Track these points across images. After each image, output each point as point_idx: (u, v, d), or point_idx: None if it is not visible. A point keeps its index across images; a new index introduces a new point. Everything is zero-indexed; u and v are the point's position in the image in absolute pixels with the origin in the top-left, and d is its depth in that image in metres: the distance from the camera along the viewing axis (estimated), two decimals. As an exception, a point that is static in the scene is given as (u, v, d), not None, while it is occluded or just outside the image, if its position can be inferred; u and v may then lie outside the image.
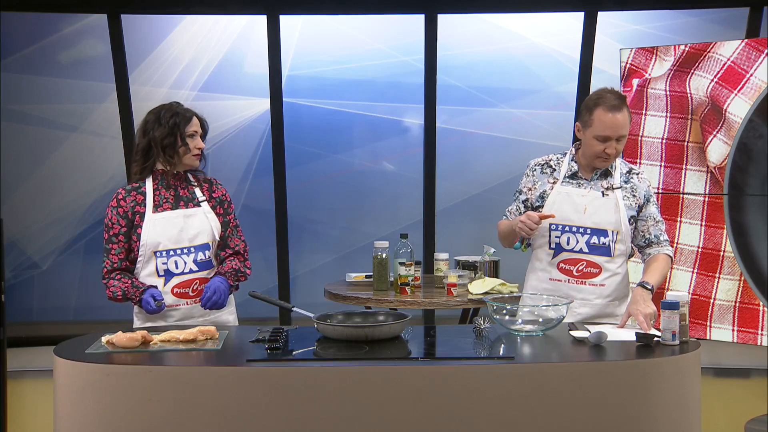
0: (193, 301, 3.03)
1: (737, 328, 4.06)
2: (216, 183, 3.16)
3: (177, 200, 3.03)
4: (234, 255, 3.13)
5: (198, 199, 3.06)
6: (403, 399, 2.32)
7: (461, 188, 5.70)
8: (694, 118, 4.11)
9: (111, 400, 2.33)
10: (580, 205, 3.09)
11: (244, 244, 3.18)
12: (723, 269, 4.08)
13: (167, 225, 2.98)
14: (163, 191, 3.02)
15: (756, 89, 3.92)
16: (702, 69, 4.06)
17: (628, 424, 2.36)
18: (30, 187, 5.60)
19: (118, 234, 2.97)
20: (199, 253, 3.03)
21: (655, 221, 3.13)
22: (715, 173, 4.07)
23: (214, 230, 3.06)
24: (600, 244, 3.08)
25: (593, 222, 3.08)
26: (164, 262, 2.97)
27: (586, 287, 3.09)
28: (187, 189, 3.06)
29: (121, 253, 2.99)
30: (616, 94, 3.09)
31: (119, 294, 2.96)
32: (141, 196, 2.99)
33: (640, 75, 4.23)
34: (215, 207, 3.09)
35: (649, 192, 3.14)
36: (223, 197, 3.14)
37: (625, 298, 3.14)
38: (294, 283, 5.76)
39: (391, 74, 5.67)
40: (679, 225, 4.18)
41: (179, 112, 3.00)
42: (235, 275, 3.08)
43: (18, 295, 5.55)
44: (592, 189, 3.11)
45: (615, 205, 3.08)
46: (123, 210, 2.97)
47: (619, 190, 3.10)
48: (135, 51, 5.49)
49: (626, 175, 3.15)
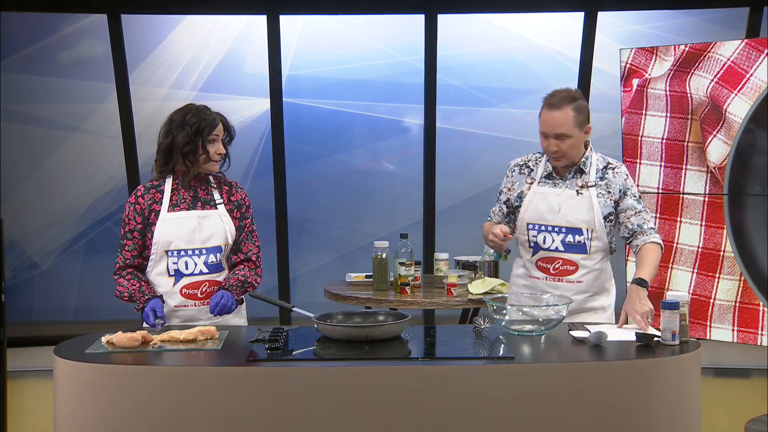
0: (201, 303, 3.01)
1: (737, 328, 4.06)
2: (236, 186, 3.13)
3: (195, 201, 3.01)
4: (245, 261, 3.10)
5: (216, 201, 3.05)
6: (403, 399, 2.31)
7: (461, 188, 5.70)
8: (694, 118, 4.11)
9: (111, 400, 2.33)
10: (555, 205, 3.12)
11: (258, 249, 3.13)
12: (723, 269, 4.08)
13: (181, 225, 2.97)
14: (182, 191, 3.00)
15: (756, 89, 3.92)
16: (702, 69, 4.06)
17: (628, 424, 2.36)
18: (30, 187, 5.60)
19: (133, 230, 2.97)
20: (211, 256, 3.01)
21: (635, 212, 3.09)
22: (715, 173, 4.08)
23: (227, 233, 3.03)
24: (575, 243, 3.11)
25: (567, 221, 3.11)
26: (175, 262, 2.97)
27: (563, 284, 3.13)
28: (206, 191, 3.05)
29: (135, 250, 2.98)
30: (565, 93, 3.07)
31: (126, 294, 2.96)
32: (159, 194, 2.99)
33: (640, 75, 4.23)
34: (232, 210, 3.07)
35: (625, 185, 3.11)
36: (242, 201, 3.10)
37: (605, 292, 3.16)
38: (294, 283, 5.76)
39: (391, 74, 5.67)
40: (679, 225, 4.18)
41: (205, 118, 2.97)
42: (242, 287, 3.03)
43: (18, 295, 5.55)
44: (567, 188, 3.14)
45: (589, 203, 3.10)
46: (140, 207, 2.97)
47: (594, 187, 3.11)
48: (135, 51, 5.49)
49: (602, 171, 3.14)
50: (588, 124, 3.11)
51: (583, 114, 3.08)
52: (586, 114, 3.10)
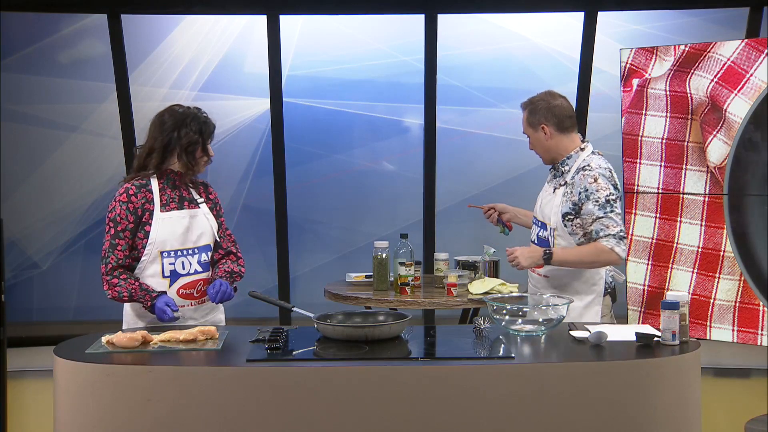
0: (197, 302, 3.03)
1: (737, 328, 4.06)
2: (209, 185, 3.21)
3: (182, 201, 3.04)
4: (226, 255, 3.14)
5: (198, 200, 3.08)
6: (403, 399, 2.32)
7: (461, 188, 5.70)
8: (694, 118, 4.11)
9: (111, 400, 2.33)
10: (539, 199, 3.34)
11: (234, 242, 3.20)
12: (723, 269, 4.08)
13: (175, 225, 2.99)
14: (169, 191, 3.02)
15: (756, 89, 3.92)
16: (702, 69, 4.06)
17: (628, 424, 2.36)
18: (30, 187, 5.60)
19: (125, 230, 2.96)
20: (203, 254, 3.04)
21: (593, 218, 3.09)
22: (715, 173, 4.08)
23: (214, 231, 3.08)
24: (543, 237, 3.26)
25: (542, 215, 3.29)
26: (171, 263, 2.97)
27: (536, 276, 3.32)
28: (188, 190, 3.08)
29: (126, 250, 2.97)
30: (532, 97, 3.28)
31: (125, 294, 2.93)
32: (150, 194, 2.99)
33: (640, 75, 4.23)
34: (212, 209, 3.11)
35: (589, 189, 3.11)
36: (217, 199, 3.19)
37: (578, 294, 3.19)
38: (294, 283, 5.76)
39: (391, 74, 5.67)
40: (679, 225, 4.18)
41: (207, 122, 3.05)
42: (230, 278, 3.07)
43: (18, 295, 5.55)
44: (548, 184, 3.33)
45: (557, 201, 3.21)
46: (133, 206, 2.96)
47: (564, 187, 3.19)
48: (135, 51, 5.49)
49: (575, 172, 3.19)
50: (542, 124, 3.22)
51: (536, 115, 3.23)
52: (544, 115, 3.22)
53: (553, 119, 3.21)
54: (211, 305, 3.08)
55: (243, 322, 5.43)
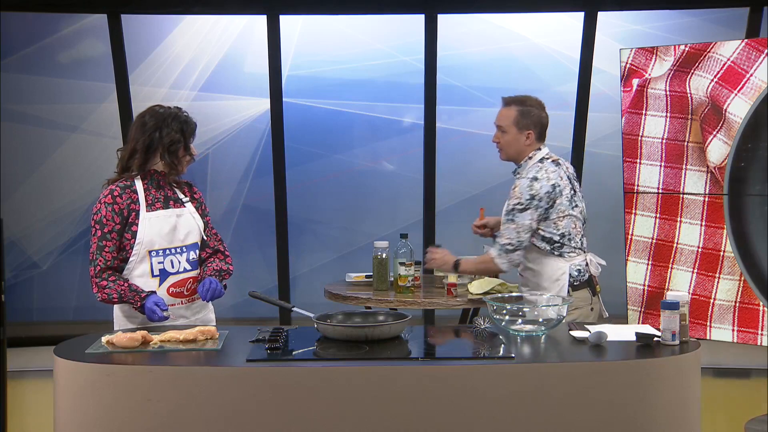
0: (188, 301, 3.04)
1: (737, 328, 4.06)
2: (193, 185, 3.21)
3: (167, 200, 3.05)
4: (214, 254, 3.15)
5: (183, 200, 3.08)
6: (403, 399, 2.32)
7: (461, 188, 5.70)
8: (694, 118, 4.11)
9: (111, 400, 2.33)
10: None
11: (221, 240, 3.20)
12: (723, 269, 4.08)
13: (162, 224, 2.99)
14: (154, 191, 3.03)
15: (756, 89, 3.92)
16: (702, 69, 4.06)
17: (628, 424, 2.36)
18: (30, 187, 5.60)
19: (112, 231, 2.96)
20: (191, 253, 3.05)
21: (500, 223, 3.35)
22: (715, 173, 4.08)
23: (201, 230, 3.09)
24: None
25: None
26: (160, 261, 2.98)
27: (519, 277, 3.43)
28: (172, 190, 3.08)
29: (114, 251, 2.97)
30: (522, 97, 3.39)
31: (115, 296, 2.93)
32: (134, 194, 3.00)
33: (640, 75, 4.23)
34: (198, 208, 3.12)
35: (510, 195, 3.31)
36: (201, 199, 3.20)
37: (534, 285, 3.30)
38: (294, 283, 5.76)
39: (391, 74, 5.68)
40: (679, 225, 4.18)
41: (188, 121, 3.05)
42: (219, 275, 3.08)
43: (18, 295, 5.55)
44: None
45: None
46: (119, 207, 2.97)
47: None
48: (135, 51, 5.49)
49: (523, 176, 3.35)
50: (529, 130, 3.34)
51: (526, 118, 3.34)
52: (532, 121, 3.34)
53: (539, 128, 3.37)
54: (202, 303, 3.09)
55: (243, 322, 5.44)
